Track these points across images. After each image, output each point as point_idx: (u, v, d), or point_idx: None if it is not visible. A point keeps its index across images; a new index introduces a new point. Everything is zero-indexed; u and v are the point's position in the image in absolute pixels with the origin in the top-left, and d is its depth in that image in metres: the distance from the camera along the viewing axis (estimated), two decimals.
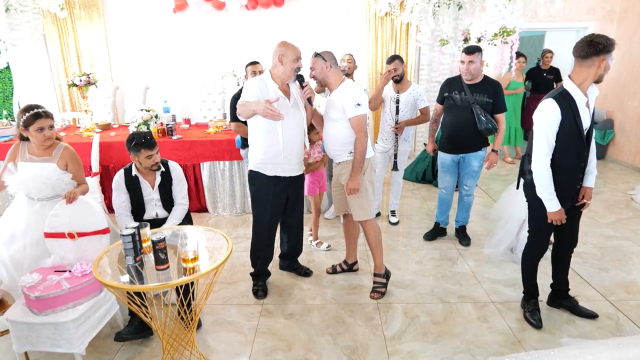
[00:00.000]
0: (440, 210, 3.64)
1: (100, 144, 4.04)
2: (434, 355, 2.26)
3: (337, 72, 2.62)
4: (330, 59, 2.58)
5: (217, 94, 5.39)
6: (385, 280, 2.84)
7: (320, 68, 2.58)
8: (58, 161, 2.46)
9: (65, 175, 2.48)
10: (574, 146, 2.15)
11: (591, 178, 2.29)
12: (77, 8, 5.93)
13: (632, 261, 3.22)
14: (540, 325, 2.42)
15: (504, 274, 3.05)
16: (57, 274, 2.22)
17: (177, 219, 2.66)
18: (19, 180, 2.40)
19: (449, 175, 3.48)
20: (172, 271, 1.91)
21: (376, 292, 2.80)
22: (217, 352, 2.33)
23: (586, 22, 5.91)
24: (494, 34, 5.00)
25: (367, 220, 2.73)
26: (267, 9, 5.81)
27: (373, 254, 2.83)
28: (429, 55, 5.95)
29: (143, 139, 2.51)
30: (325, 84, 2.66)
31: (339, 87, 2.59)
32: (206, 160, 4.14)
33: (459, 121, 3.22)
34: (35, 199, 2.45)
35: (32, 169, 2.41)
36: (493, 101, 3.16)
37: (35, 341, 2.12)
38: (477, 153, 3.30)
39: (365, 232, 2.79)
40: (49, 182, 2.42)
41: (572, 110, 2.09)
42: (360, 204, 2.69)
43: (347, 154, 2.64)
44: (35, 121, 2.35)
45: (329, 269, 3.12)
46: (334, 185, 2.84)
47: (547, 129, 2.12)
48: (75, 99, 6.19)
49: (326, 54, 2.61)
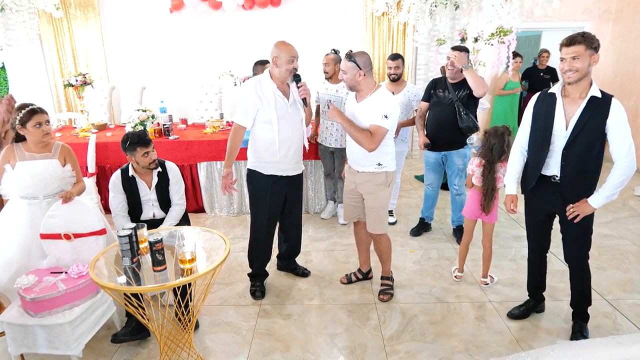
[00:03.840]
0: (425, 206, 3.76)
1: (97, 144, 4.02)
2: (432, 355, 2.26)
3: (369, 79, 2.43)
4: (365, 66, 2.37)
5: (214, 94, 5.37)
6: (392, 282, 2.84)
7: (352, 75, 2.38)
8: (58, 157, 2.47)
9: (67, 170, 2.49)
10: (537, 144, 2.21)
11: (595, 197, 2.08)
12: (73, 8, 5.90)
13: (628, 260, 3.23)
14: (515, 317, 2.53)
15: (502, 274, 3.06)
16: (53, 276, 2.21)
17: (175, 220, 2.65)
18: (23, 178, 2.38)
19: (433, 173, 3.60)
20: (170, 272, 1.91)
21: (386, 293, 2.76)
22: (215, 353, 2.32)
23: (582, 22, 5.94)
24: (490, 34, 5.01)
25: (382, 234, 2.67)
26: (264, 9, 5.80)
27: (383, 262, 2.81)
28: (426, 55, 5.97)
29: (137, 137, 2.51)
30: (354, 90, 2.49)
31: (373, 94, 2.42)
32: (203, 161, 4.13)
33: (441, 118, 3.32)
34: (40, 197, 2.43)
35: (36, 166, 2.40)
36: (469, 92, 3.20)
37: (31, 343, 2.10)
38: (459, 151, 3.39)
39: (375, 243, 2.73)
40: (55, 174, 2.43)
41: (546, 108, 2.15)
42: (379, 218, 2.60)
43: (375, 166, 2.50)
44: (32, 117, 2.34)
45: (344, 279, 2.99)
46: (349, 192, 2.70)
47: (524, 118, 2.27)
48: (71, 99, 6.16)
49: (360, 58, 2.38)
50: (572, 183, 2.12)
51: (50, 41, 6.00)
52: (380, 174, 2.52)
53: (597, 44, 1.97)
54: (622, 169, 2.01)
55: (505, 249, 3.46)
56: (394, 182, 2.61)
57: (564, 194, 2.16)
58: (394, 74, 3.60)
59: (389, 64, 3.60)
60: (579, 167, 2.10)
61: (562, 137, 2.10)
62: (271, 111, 2.51)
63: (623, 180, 2.02)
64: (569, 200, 2.15)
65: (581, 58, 1.94)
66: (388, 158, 2.52)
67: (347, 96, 3.65)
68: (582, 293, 2.32)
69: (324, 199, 4.27)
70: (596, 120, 2.00)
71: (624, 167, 2.01)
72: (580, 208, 2.10)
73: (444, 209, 4.25)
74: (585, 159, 2.08)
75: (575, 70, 1.96)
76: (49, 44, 6.02)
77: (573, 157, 2.08)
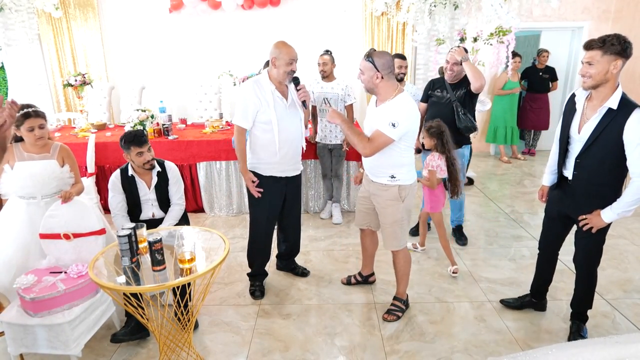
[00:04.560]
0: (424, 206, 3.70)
1: (96, 144, 4.02)
2: (431, 354, 2.26)
3: (389, 82, 2.22)
4: (383, 68, 2.18)
5: (214, 93, 5.37)
6: (404, 307, 2.61)
7: (369, 77, 2.21)
8: (57, 158, 2.47)
9: (65, 171, 2.49)
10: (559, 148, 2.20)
11: (607, 211, 2.00)
12: (72, 7, 5.89)
13: (627, 260, 3.23)
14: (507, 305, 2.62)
15: (501, 273, 3.06)
16: (53, 275, 2.21)
17: (174, 220, 2.65)
18: (22, 177, 2.38)
19: None
20: (169, 272, 1.91)
21: (392, 314, 2.57)
22: (214, 353, 2.32)
23: (581, 21, 5.93)
24: (490, 34, 5.02)
25: (399, 250, 2.52)
26: (264, 9, 5.79)
27: (398, 281, 2.61)
28: (425, 55, 5.96)
29: (133, 136, 2.51)
30: (372, 92, 2.32)
31: (392, 100, 2.21)
32: (202, 161, 4.13)
33: (439, 118, 3.29)
34: (38, 197, 2.43)
35: (35, 167, 2.40)
36: (467, 90, 3.20)
37: (30, 343, 2.10)
38: (457, 151, 3.36)
39: (394, 260, 2.57)
40: (54, 175, 2.43)
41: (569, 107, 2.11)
42: (394, 233, 2.44)
43: (388, 178, 2.33)
44: (25, 121, 2.34)
45: (344, 280, 2.95)
46: (362, 198, 2.61)
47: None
48: (70, 99, 6.15)
49: (379, 59, 2.18)
50: (585, 193, 2.07)
51: (50, 41, 5.99)
52: (393, 187, 2.33)
53: (621, 48, 1.82)
54: (636, 187, 1.89)
55: (505, 248, 3.46)
56: (411, 196, 2.40)
57: (575, 199, 2.12)
58: (403, 73, 3.59)
59: (399, 63, 3.56)
60: (591, 180, 2.03)
61: (576, 141, 2.04)
62: (270, 112, 2.50)
63: (637, 197, 1.91)
64: (580, 208, 2.10)
65: (595, 64, 1.86)
66: (404, 170, 2.32)
67: (342, 92, 3.68)
68: (585, 296, 2.31)
69: (323, 199, 4.27)
70: (611, 133, 1.89)
71: (638, 186, 1.89)
72: (593, 220, 2.05)
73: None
74: (598, 171, 1.99)
75: (589, 76, 1.89)
76: (48, 44, 6.01)
77: (585, 167, 2.02)
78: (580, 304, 2.34)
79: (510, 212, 4.24)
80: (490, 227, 3.88)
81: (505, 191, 4.87)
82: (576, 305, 2.36)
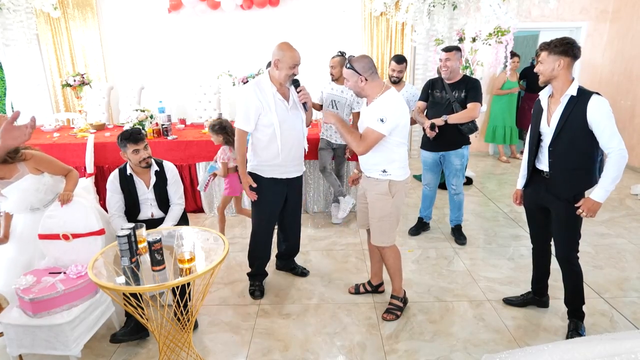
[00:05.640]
0: (423, 206, 3.78)
1: (95, 144, 4.01)
2: (430, 353, 2.27)
3: (374, 82, 2.29)
4: (365, 70, 2.25)
5: (213, 94, 5.37)
6: (402, 304, 2.60)
7: (354, 82, 2.29)
8: (30, 172, 2.36)
9: (47, 177, 2.42)
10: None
11: (596, 191, 2.12)
12: (71, 7, 5.89)
13: (625, 259, 3.24)
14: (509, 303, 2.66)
15: (500, 272, 3.07)
16: (52, 276, 2.21)
17: (173, 220, 2.65)
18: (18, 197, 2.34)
19: (431, 173, 3.61)
20: (169, 272, 1.90)
21: (391, 313, 2.56)
22: (214, 353, 2.32)
23: (579, 22, 5.95)
24: (488, 34, 5.03)
25: (385, 247, 2.51)
26: (263, 9, 5.80)
27: (391, 278, 2.61)
28: (424, 55, 5.98)
29: (130, 133, 2.51)
30: (360, 96, 2.39)
31: (379, 97, 2.29)
32: (202, 161, 4.12)
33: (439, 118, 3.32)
34: (41, 208, 2.43)
35: (22, 183, 2.33)
36: (466, 93, 3.23)
37: (30, 344, 2.10)
38: (457, 151, 3.40)
39: (383, 257, 2.58)
40: (42, 188, 2.39)
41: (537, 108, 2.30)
42: (380, 228, 2.44)
43: (380, 172, 2.37)
44: None
45: (352, 289, 2.84)
46: (361, 197, 2.61)
47: None
48: (69, 99, 6.14)
49: (359, 63, 2.26)
50: (562, 180, 2.21)
51: (48, 41, 5.98)
52: (384, 182, 2.37)
53: (563, 49, 2.07)
54: (614, 161, 2.07)
55: (504, 248, 3.47)
56: (402, 193, 2.43)
57: (553, 190, 2.25)
58: (396, 76, 3.60)
59: (393, 67, 3.58)
60: (566, 164, 2.18)
61: (547, 133, 2.22)
62: (272, 115, 2.50)
63: (618, 171, 2.08)
64: (558, 197, 2.23)
65: (544, 63, 2.14)
66: (395, 166, 2.36)
67: (352, 98, 3.67)
68: (574, 291, 2.37)
69: (323, 198, 4.27)
70: (576, 117, 2.10)
71: (616, 159, 2.06)
72: (586, 205, 2.15)
73: (443, 208, 4.26)
74: (570, 155, 2.16)
75: (541, 72, 2.17)
76: (47, 44, 6.00)
77: (559, 154, 2.19)
78: (572, 300, 2.40)
79: (509, 211, 4.25)
80: (489, 227, 3.89)
81: (504, 191, 4.88)
82: (569, 302, 2.41)
